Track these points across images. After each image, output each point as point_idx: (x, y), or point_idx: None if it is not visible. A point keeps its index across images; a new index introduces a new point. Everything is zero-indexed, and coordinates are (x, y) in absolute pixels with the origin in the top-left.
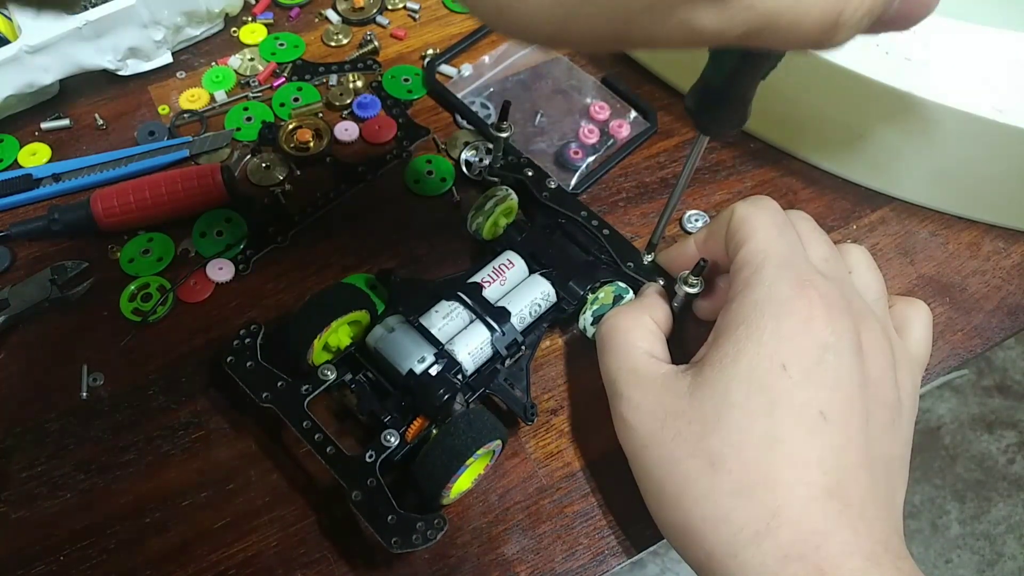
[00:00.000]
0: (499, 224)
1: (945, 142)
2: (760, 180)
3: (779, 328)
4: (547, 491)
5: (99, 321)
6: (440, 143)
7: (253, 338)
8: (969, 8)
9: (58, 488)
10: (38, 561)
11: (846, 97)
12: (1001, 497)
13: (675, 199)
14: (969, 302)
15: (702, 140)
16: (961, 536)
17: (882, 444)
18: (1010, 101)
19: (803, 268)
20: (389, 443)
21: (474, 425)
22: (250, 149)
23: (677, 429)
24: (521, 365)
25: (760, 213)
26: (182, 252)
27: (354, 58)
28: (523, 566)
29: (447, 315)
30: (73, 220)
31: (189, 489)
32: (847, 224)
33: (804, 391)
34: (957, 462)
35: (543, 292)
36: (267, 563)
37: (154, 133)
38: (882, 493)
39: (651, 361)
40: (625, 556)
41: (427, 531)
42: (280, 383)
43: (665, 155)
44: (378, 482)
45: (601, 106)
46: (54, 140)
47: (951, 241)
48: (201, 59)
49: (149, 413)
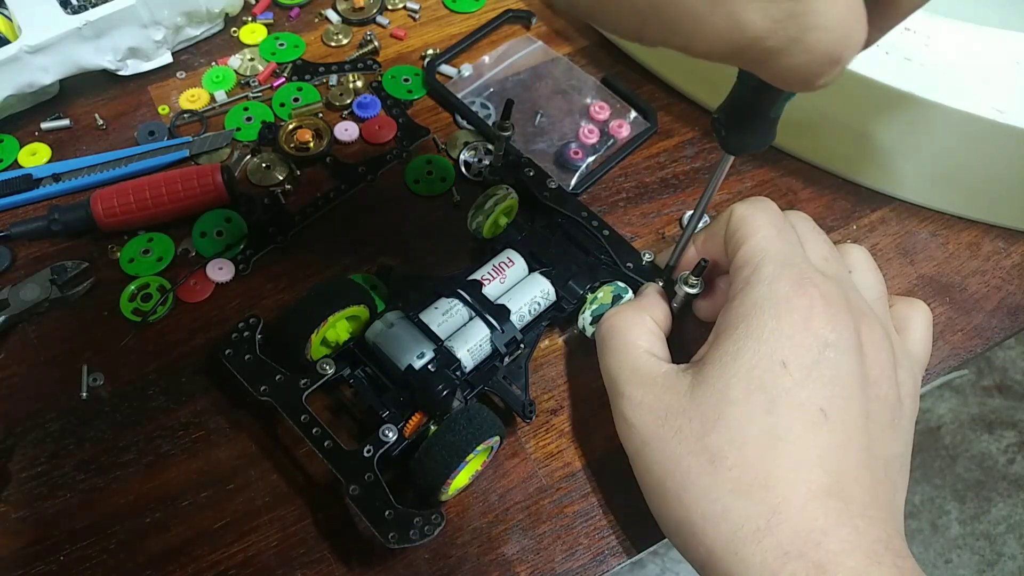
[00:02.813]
0: (499, 223)
1: (945, 142)
2: (760, 180)
3: (779, 326)
4: (547, 491)
5: (99, 321)
6: (440, 143)
7: (252, 331)
8: (969, 8)
9: (58, 488)
10: (38, 561)
11: (846, 97)
12: (1001, 497)
13: (696, 221)
14: (969, 302)
15: (727, 160)
16: (961, 536)
17: (882, 443)
18: (1010, 101)
19: (802, 267)
20: (387, 438)
21: (473, 421)
22: (250, 149)
23: (678, 427)
24: (520, 363)
25: (759, 213)
26: (182, 252)
27: (354, 58)
28: (523, 566)
29: (446, 312)
30: (73, 220)
31: (189, 489)
32: (847, 224)
33: (804, 389)
34: (957, 462)
35: (543, 291)
36: (267, 563)
37: (154, 133)
38: (882, 492)
39: (652, 360)
40: (625, 556)
41: (424, 526)
42: (279, 376)
43: (665, 155)
44: (376, 477)
45: (601, 106)
46: (54, 140)
47: (951, 241)
48: (201, 59)
49: (149, 413)
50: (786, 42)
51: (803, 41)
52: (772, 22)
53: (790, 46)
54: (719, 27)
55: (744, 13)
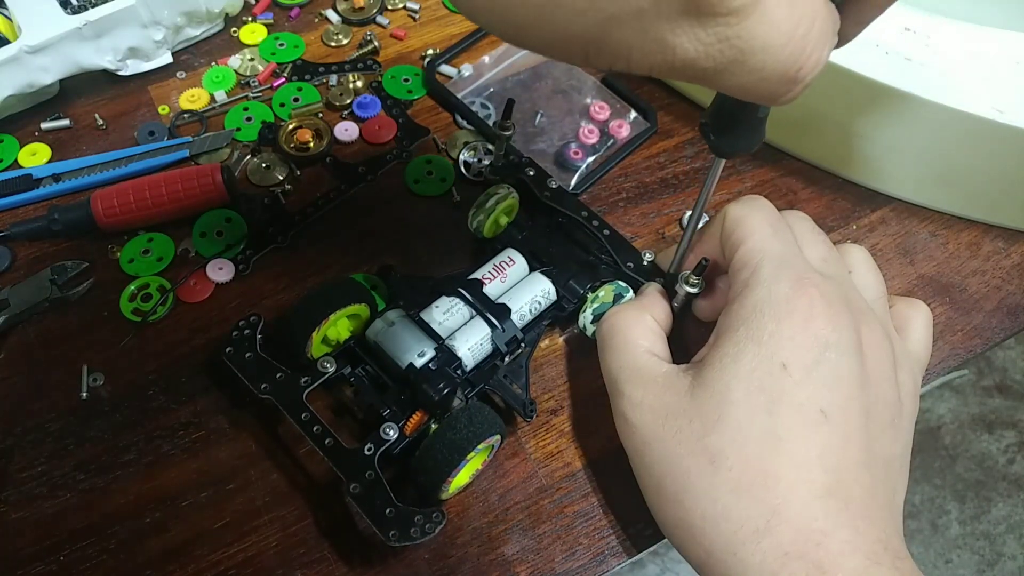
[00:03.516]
0: (500, 222)
1: (945, 142)
2: (760, 180)
3: (779, 328)
4: (547, 491)
5: (99, 321)
6: (440, 143)
7: (252, 329)
8: (969, 8)
9: (58, 488)
10: (38, 561)
11: (846, 97)
12: (1001, 497)
13: (693, 226)
14: (969, 302)
15: (719, 163)
16: (961, 536)
17: (882, 443)
18: (1010, 101)
19: (801, 267)
20: (388, 436)
21: (475, 419)
22: (250, 149)
23: (678, 427)
24: (520, 362)
25: (754, 213)
26: (182, 252)
27: (354, 58)
28: (523, 566)
29: (447, 310)
30: (73, 220)
31: (189, 489)
32: (847, 224)
33: (804, 389)
34: (957, 462)
35: (543, 290)
36: (267, 563)
37: (154, 133)
38: (882, 492)
39: (652, 359)
40: (625, 556)
41: (425, 524)
42: (279, 375)
43: (665, 155)
44: (377, 475)
45: (601, 106)
46: (54, 140)
47: (951, 241)
48: (201, 59)
49: (149, 413)
50: (724, 63)
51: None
52: (703, 46)
53: (730, 67)
54: (652, 52)
55: (672, 39)
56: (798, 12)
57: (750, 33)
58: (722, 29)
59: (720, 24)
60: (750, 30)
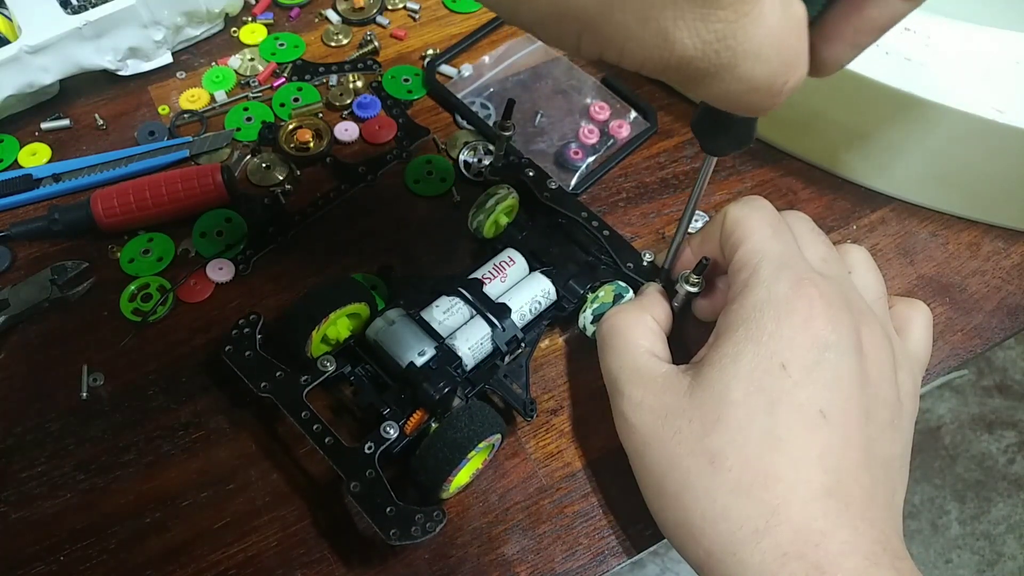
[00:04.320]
0: (500, 223)
1: (945, 142)
2: (760, 180)
3: (779, 329)
4: (547, 491)
5: (99, 321)
6: (440, 143)
7: (252, 328)
8: (969, 8)
9: (58, 488)
10: (38, 561)
11: (846, 97)
12: (1001, 497)
13: (685, 223)
14: (969, 302)
15: (710, 161)
16: (961, 536)
17: (882, 444)
18: (1010, 101)
19: (801, 267)
20: (388, 435)
21: (475, 418)
22: (250, 149)
23: (677, 427)
24: (520, 362)
25: (753, 214)
26: (182, 252)
27: (354, 58)
28: (523, 566)
29: (448, 310)
30: (73, 220)
31: (189, 489)
32: (847, 224)
33: (804, 390)
34: (957, 462)
35: (543, 290)
36: (267, 563)
37: (154, 133)
38: (882, 493)
39: (652, 359)
40: (625, 556)
41: (426, 523)
42: (279, 373)
43: (665, 155)
44: (377, 473)
45: (601, 106)
46: (54, 140)
47: (951, 241)
48: (201, 59)
49: (149, 413)
50: (717, 67)
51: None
52: (702, 43)
53: (722, 72)
54: (649, 44)
55: (674, 31)
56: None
57: (745, 34)
58: (722, 27)
59: (720, 19)
60: (746, 31)
